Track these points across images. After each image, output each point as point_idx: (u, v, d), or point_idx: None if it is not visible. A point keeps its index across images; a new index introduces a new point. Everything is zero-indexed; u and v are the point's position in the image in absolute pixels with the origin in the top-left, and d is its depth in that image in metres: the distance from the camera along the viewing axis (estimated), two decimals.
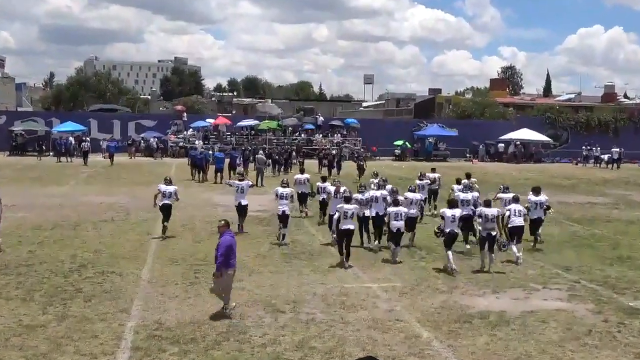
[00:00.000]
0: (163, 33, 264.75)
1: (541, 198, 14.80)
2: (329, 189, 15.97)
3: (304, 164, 26.03)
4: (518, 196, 14.43)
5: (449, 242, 12.62)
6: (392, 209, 13.46)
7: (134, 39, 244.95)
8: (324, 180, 18.22)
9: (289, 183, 16.32)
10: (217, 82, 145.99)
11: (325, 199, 16.80)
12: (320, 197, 17.21)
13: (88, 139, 40.83)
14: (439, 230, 12.85)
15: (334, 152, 35.89)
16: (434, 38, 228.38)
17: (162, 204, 15.27)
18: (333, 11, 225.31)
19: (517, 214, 13.58)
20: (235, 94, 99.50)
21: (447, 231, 12.62)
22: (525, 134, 47.46)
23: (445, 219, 12.68)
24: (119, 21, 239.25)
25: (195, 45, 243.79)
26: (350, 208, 12.92)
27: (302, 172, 19.39)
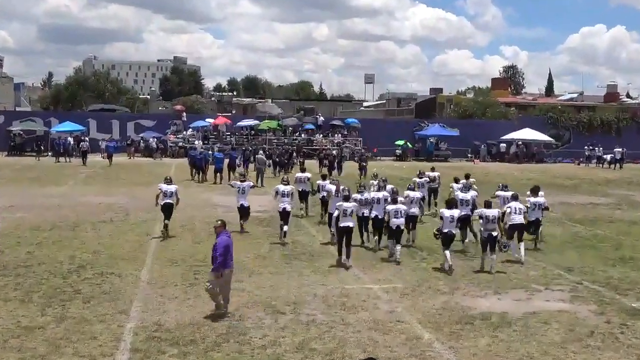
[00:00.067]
0: (162, 32, 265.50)
1: (540, 199, 14.74)
2: (329, 188, 15.97)
3: (304, 164, 25.97)
4: (517, 194, 14.38)
5: (446, 242, 12.62)
6: (391, 206, 13.42)
7: (133, 38, 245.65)
8: (324, 178, 18.34)
9: (290, 181, 16.30)
10: (216, 82, 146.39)
11: (325, 197, 16.78)
12: (321, 195, 17.19)
13: (87, 139, 40.73)
14: (438, 232, 12.83)
15: (334, 152, 35.74)
16: (435, 37, 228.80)
17: (163, 204, 15.28)
18: (333, 10, 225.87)
19: (517, 212, 13.55)
20: (235, 93, 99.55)
21: (445, 231, 12.61)
22: (527, 134, 47.39)
23: (444, 219, 12.66)
24: (118, 20, 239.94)
25: (194, 45, 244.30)
26: (349, 206, 12.94)
27: (303, 171, 19.36)
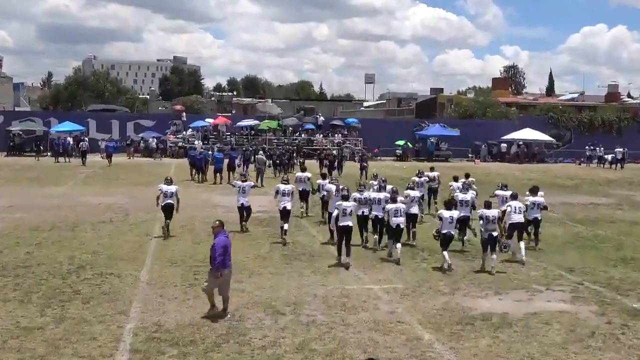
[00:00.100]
0: (162, 32, 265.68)
1: (539, 198, 14.78)
2: (328, 187, 15.97)
3: (304, 164, 25.90)
4: (517, 193, 14.36)
5: (445, 243, 12.61)
6: (390, 205, 13.43)
7: (132, 38, 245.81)
8: (323, 177, 18.35)
9: (290, 180, 16.30)
10: (216, 82, 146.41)
11: (325, 196, 16.75)
12: (321, 194, 17.17)
13: (86, 139, 40.67)
14: (437, 234, 12.81)
15: (334, 152, 35.70)
16: (435, 37, 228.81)
17: (164, 204, 15.29)
18: (333, 10, 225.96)
19: (517, 211, 13.55)
20: (234, 93, 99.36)
21: (443, 232, 12.60)
22: (528, 134, 47.32)
23: (443, 220, 12.64)
24: (118, 20, 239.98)
25: (194, 45, 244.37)
26: (349, 205, 12.97)
27: (303, 171, 19.35)
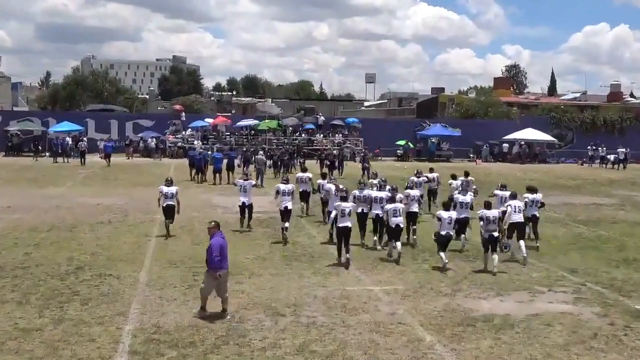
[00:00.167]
0: (161, 31, 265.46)
1: (537, 196, 14.90)
2: (328, 187, 15.98)
3: (305, 164, 25.87)
4: (516, 193, 14.36)
5: (443, 244, 12.58)
6: (389, 205, 13.45)
7: (131, 37, 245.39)
8: (323, 177, 18.38)
9: (290, 180, 16.28)
10: (216, 81, 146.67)
11: (325, 196, 16.72)
12: (321, 194, 17.17)
13: (85, 139, 40.55)
14: (437, 237, 12.76)
15: (335, 152, 35.65)
16: (436, 36, 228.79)
17: (165, 205, 15.31)
18: (334, 9, 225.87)
19: (517, 211, 13.57)
20: (234, 93, 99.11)
21: (442, 233, 12.58)
22: (530, 134, 47.17)
23: (442, 221, 12.63)
24: (117, 19, 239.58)
25: (194, 44, 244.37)
26: (347, 206, 13.01)
27: (304, 171, 19.31)
